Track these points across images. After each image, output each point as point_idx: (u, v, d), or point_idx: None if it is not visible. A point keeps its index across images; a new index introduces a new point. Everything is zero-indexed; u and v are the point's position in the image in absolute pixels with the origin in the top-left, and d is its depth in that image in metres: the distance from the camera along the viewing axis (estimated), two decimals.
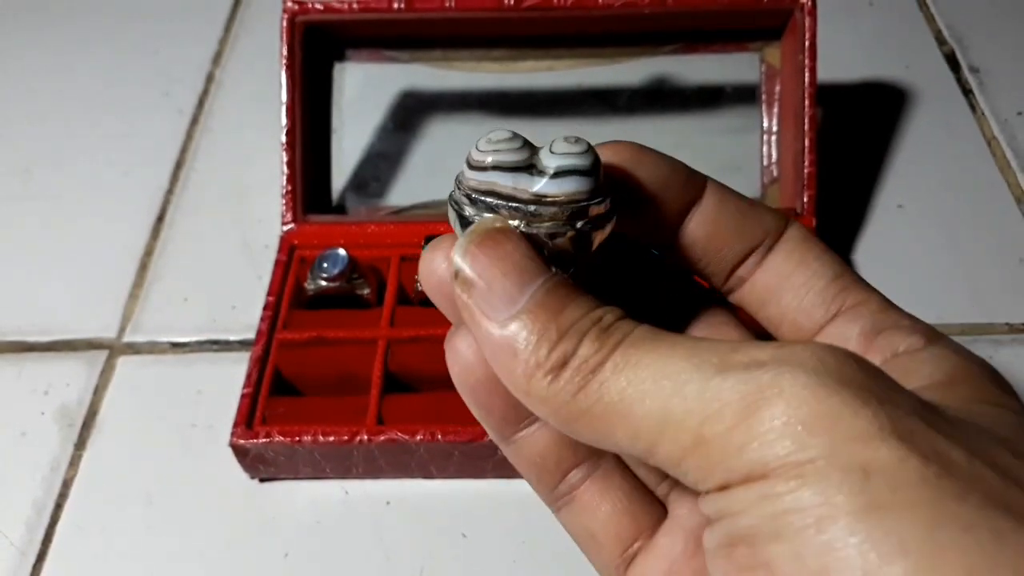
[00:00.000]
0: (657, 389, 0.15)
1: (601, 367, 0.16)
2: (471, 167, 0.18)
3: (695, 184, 0.20)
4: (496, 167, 0.18)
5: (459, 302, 0.17)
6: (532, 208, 0.17)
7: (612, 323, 0.16)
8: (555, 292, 0.17)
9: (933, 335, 0.19)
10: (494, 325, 0.17)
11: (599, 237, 0.18)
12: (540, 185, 0.17)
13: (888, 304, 0.20)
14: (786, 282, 0.20)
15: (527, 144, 0.18)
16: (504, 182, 0.18)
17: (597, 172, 0.18)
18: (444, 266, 0.19)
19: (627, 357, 0.16)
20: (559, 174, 0.17)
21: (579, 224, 0.18)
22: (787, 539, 0.14)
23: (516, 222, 0.18)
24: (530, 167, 0.18)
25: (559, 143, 0.18)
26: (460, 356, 0.20)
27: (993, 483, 0.14)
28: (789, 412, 0.14)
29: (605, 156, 0.19)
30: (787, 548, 0.14)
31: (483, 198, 0.18)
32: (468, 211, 0.18)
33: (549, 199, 0.17)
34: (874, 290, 0.20)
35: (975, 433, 0.15)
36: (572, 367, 0.16)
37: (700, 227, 0.20)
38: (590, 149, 0.18)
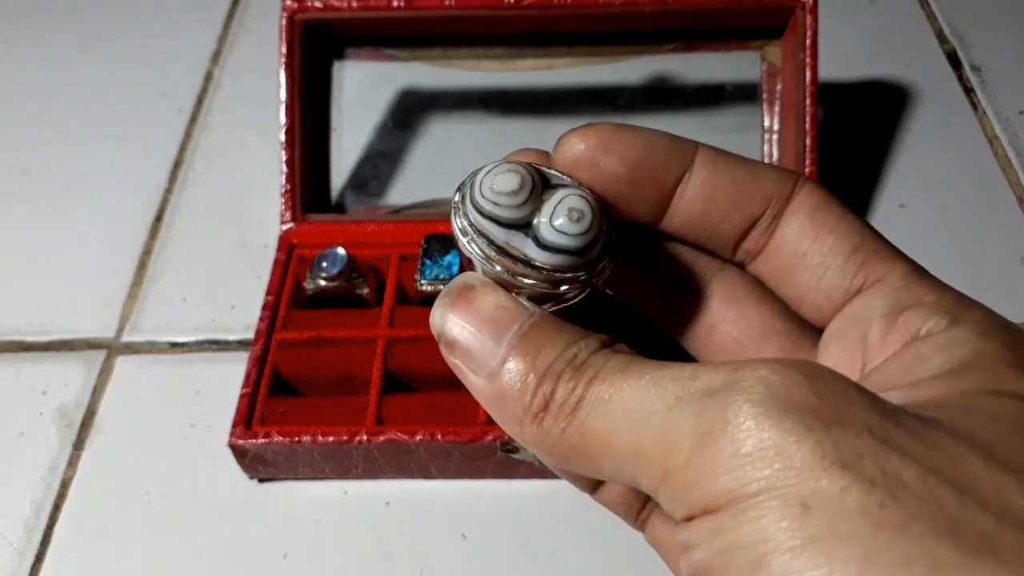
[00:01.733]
0: (627, 422, 0.15)
1: (579, 406, 0.16)
2: (472, 203, 0.17)
3: (680, 156, 0.19)
4: (492, 219, 0.17)
5: (448, 363, 0.18)
6: (520, 267, 0.17)
7: (585, 359, 0.16)
8: (530, 335, 0.17)
9: (958, 311, 0.17)
10: (480, 379, 0.17)
11: (599, 281, 0.18)
12: (530, 250, 0.17)
13: (912, 276, 0.18)
14: (802, 261, 0.19)
15: (532, 196, 0.17)
16: (498, 234, 0.17)
17: (592, 249, 0.17)
18: None
19: (599, 393, 0.16)
20: (550, 248, 0.17)
21: (563, 289, 0.17)
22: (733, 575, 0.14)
23: (501, 269, 0.17)
24: (527, 225, 0.17)
25: (561, 217, 0.17)
26: None
27: (946, 504, 0.13)
28: (734, 446, 0.14)
29: (573, 143, 0.18)
30: None
31: (480, 234, 0.18)
32: (465, 239, 0.18)
33: (537, 263, 0.17)
34: (898, 258, 0.19)
35: (944, 442, 0.14)
36: (552, 410, 0.16)
37: (694, 202, 0.19)
38: (591, 228, 0.17)
